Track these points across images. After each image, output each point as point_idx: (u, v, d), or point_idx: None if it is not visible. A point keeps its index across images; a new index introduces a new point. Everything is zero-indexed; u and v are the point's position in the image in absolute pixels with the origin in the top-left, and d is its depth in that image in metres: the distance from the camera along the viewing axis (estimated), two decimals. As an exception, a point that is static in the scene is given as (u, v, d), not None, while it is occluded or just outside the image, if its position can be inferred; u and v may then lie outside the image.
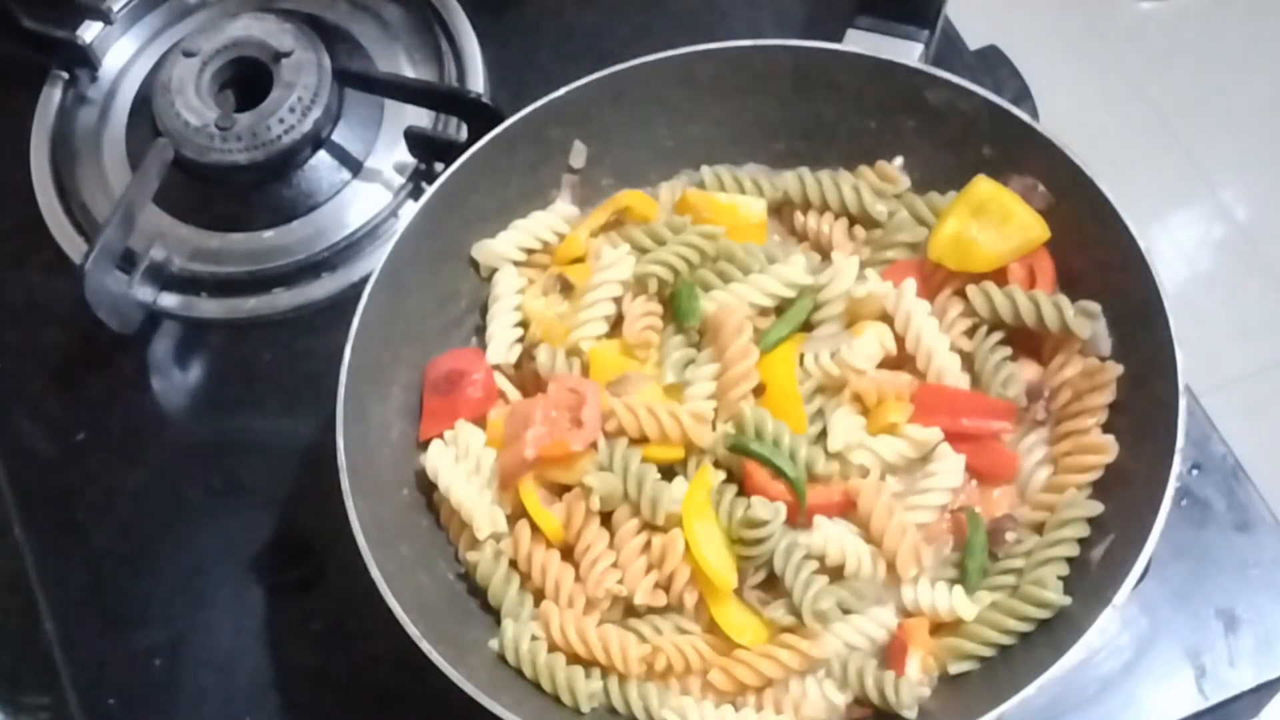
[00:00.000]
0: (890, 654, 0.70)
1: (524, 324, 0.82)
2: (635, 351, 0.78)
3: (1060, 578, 0.69)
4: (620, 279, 0.79)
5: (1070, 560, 0.70)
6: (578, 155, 0.84)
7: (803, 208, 0.82)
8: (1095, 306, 0.74)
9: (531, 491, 0.74)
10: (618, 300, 0.79)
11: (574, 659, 0.72)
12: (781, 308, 0.79)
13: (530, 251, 0.84)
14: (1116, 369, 0.72)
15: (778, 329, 0.77)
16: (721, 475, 0.74)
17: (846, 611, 0.71)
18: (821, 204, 0.81)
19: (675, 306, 0.78)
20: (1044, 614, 0.69)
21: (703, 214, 0.81)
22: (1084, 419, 0.73)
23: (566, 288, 0.81)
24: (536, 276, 0.83)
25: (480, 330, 0.83)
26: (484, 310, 0.83)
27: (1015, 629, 0.69)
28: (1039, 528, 0.72)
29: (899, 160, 0.82)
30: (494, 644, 0.73)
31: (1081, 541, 0.70)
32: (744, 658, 0.70)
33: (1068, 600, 0.68)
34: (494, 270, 0.83)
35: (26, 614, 0.84)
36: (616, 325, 0.79)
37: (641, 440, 0.74)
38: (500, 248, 0.83)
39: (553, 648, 0.72)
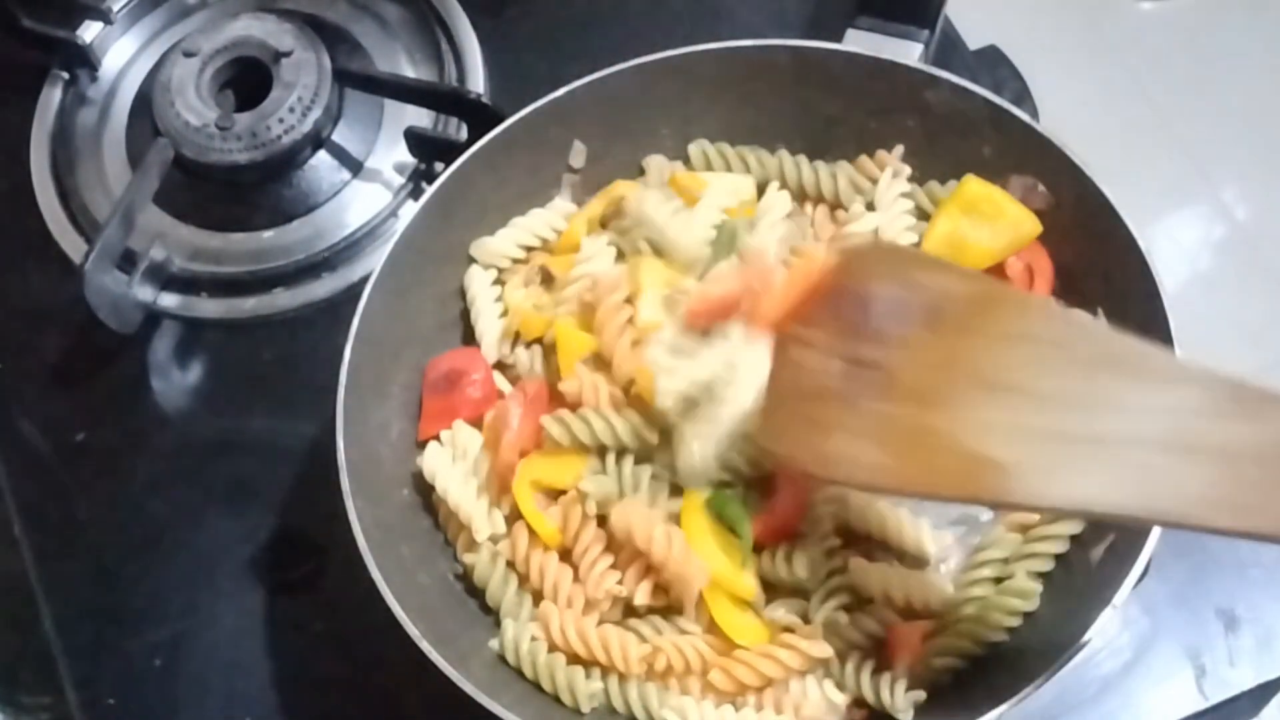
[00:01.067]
0: (882, 654, 0.71)
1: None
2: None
3: (1043, 574, 0.70)
4: (599, 270, 0.79)
5: (1061, 557, 0.70)
6: (578, 155, 0.84)
7: (796, 194, 0.82)
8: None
9: (527, 496, 0.74)
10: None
11: (574, 659, 0.72)
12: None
13: (530, 249, 0.84)
14: None
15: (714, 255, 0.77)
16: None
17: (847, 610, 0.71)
18: (799, 188, 0.82)
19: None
20: (1028, 606, 0.69)
21: (694, 195, 0.81)
22: None
23: (548, 279, 0.81)
24: (520, 269, 0.83)
25: (480, 330, 0.83)
26: (483, 310, 0.83)
27: (1002, 624, 0.69)
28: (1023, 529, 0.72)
29: (899, 149, 0.82)
30: (494, 644, 0.73)
31: (1081, 541, 0.70)
32: (744, 658, 0.70)
33: (1038, 587, 0.69)
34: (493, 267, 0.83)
35: (26, 614, 0.84)
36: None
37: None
38: (499, 245, 0.83)
39: (553, 648, 0.72)
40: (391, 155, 0.96)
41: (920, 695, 0.69)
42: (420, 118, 0.95)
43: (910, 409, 0.60)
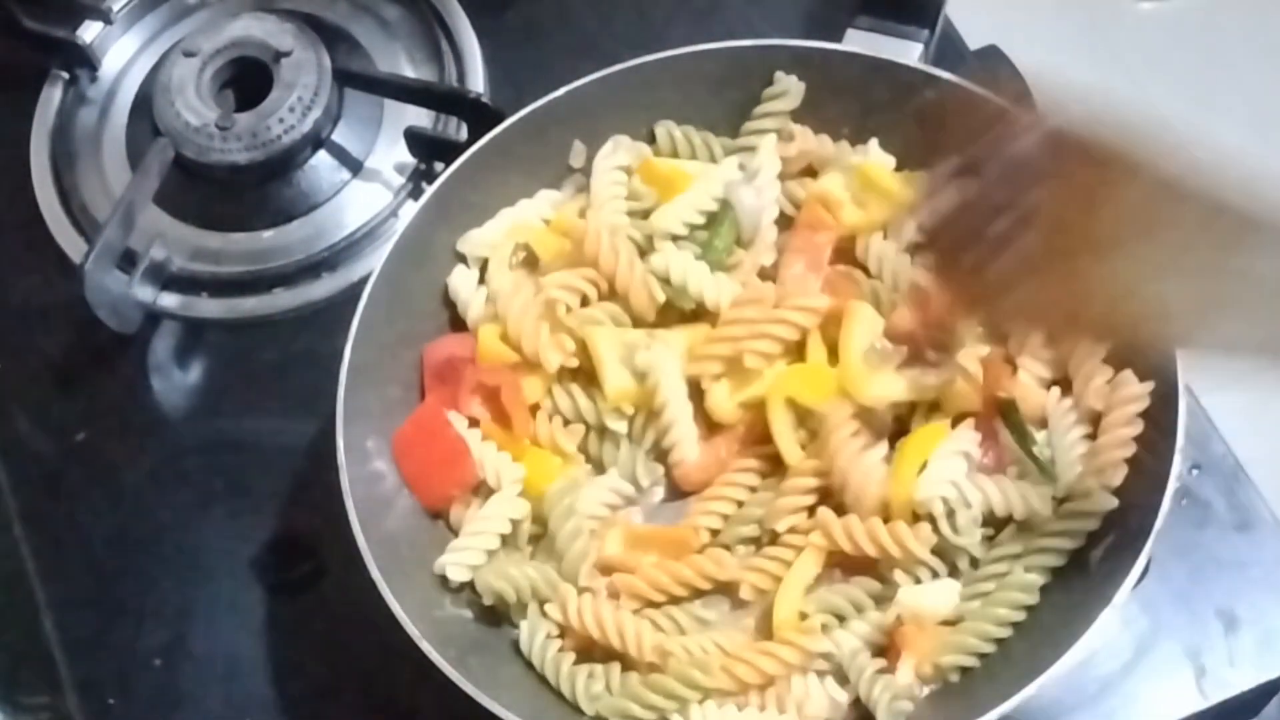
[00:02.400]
0: (889, 655, 0.71)
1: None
2: None
3: (1056, 569, 0.70)
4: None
5: (1068, 553, 0.70)
6: (577, 155, 0.84)
7: None
8: None
9: None
10: None
11: (583, 654, 0.72)
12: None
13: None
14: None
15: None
16: None
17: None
18: None
19: None
20: (1030, 599, 0.69)
21: (675, 186, 0.81)
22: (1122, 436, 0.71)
23: (531, 261, 0.81)
24: (503, 249, 0.83)
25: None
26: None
27: (1007, 619, 0.69)
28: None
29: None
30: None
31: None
32: (745, 656, 0.70)
33: (1040, 580, 0.69)
34: (481, 260, 0.83)
35: (26, 614, 0.84)
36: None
37: None
38: (487, 236, 0.82)
39: (564, 645, 0.72)
40: (391, 155, 0.96)
41: (907, 707, 0.68)
42: (420, 118, 0.95)
43: (1081, 262, 0.57)
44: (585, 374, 0.78)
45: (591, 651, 0.72)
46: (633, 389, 0.76)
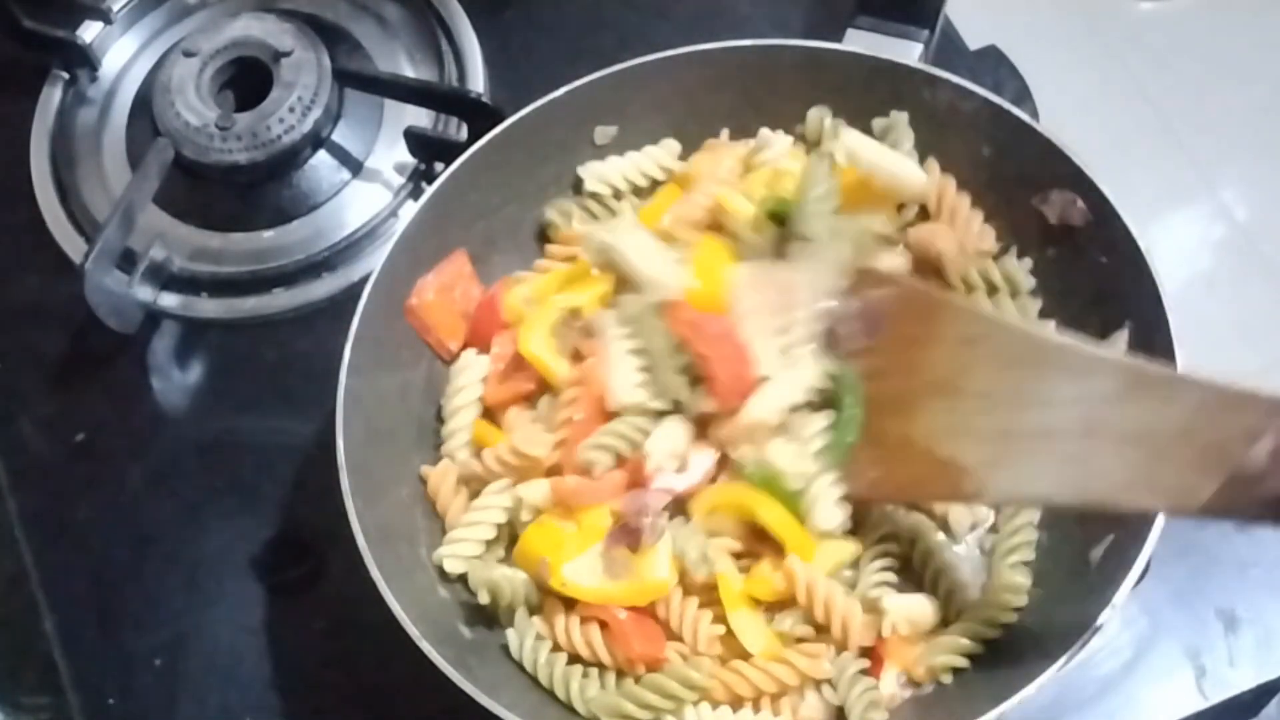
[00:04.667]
0: (872, 660, 0.71)
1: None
2: None
3: (1025, 563, 0.71)
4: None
5: (1061, 557, 0.71)
6: (603, 135, 0.84)
7: None
8: None
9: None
10: None
11: (576, 657, 0.72)
12: None
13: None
14: None
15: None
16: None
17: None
18: None
19: None
20: (1018, 600, 0.69)
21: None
22: None
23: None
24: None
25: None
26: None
27: (997, 620, 0.69)
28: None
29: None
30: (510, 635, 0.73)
31: (1082, 541, 0.70)
32: (742, 670, 0.70)
33: (1027, 582, 0.70)
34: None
35: (26, 614, 0.84)
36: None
37: None
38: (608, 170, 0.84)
39: (556, 648, 0.72)
40: (391, 155, 0.96)
41: (881, 715, 0.68)
42: (420, 118, 0.95)
43: (889, 420, 0.62)
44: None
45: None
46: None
